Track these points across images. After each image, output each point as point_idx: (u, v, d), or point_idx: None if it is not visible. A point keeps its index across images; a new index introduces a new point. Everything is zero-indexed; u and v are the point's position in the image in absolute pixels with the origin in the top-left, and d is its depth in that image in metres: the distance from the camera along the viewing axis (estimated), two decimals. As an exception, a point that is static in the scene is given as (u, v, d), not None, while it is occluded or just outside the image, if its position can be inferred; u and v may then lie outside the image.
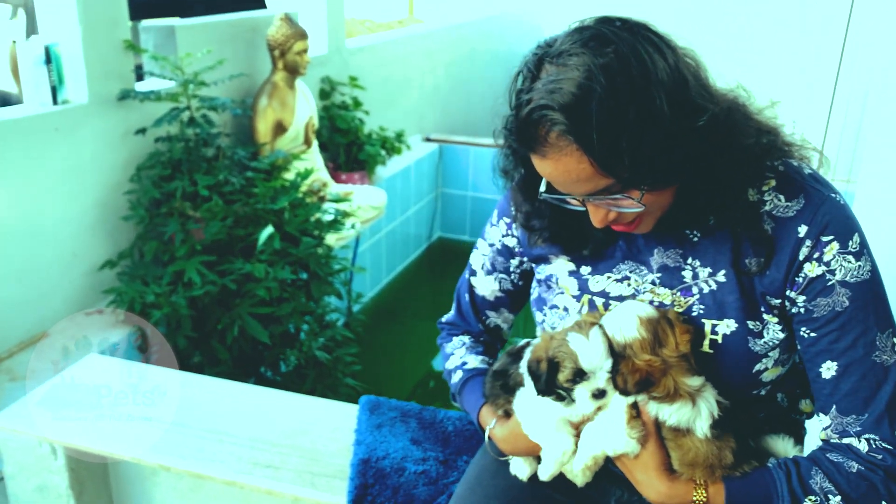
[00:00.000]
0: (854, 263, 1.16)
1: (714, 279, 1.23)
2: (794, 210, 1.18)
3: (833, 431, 1.20)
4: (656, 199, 1.14)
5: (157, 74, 3.44)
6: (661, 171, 1.09)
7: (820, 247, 1.16)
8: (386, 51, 5.73)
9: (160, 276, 3.23)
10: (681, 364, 1.19)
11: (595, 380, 1.18)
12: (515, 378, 1.32)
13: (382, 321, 5.02)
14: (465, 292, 1.56)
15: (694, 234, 1.25)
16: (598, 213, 1.16)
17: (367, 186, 4.68)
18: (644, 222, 1.19)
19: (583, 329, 1.19)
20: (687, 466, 1.20)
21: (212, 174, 3.38)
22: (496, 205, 1.50)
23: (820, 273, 1.16)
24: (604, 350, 1.17)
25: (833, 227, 1.16)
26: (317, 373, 3.38)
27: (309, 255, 3.36)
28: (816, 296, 1.17)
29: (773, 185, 1.20)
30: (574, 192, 1.13)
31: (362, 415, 1.82)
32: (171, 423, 1.80)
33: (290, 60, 4.04)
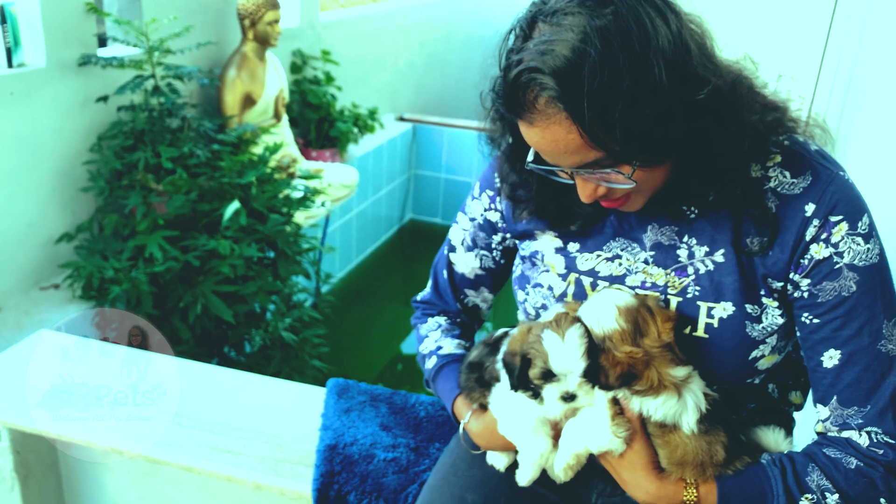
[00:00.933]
0: (863, 246, 1.09)
1: (711, 259, 1.15)
2: (800, 187, 1.11)
3: (832, 424, 1.14)
4: (649, 175, 1.06)
5: (121, 40, 3.29)
6: (656, 147, 1.01)
7: (828, 227, 1.09)
8: (360, 26, 5.59)
9: (120, 251, 3.10)
10: (664, 354, 1.11)
11: (564, 383, 1.11)
12: (491, 372, 1.24)
13: (351, 303, 4.92)
14: (444, 269, 1.47)
15: (691, 210, 1.17)
16: (587, 187, 1.09)
17: (339, 164, 4.56)
18: (634, 200, 1.12)
19: (560, 327, 1.11)
20: (676, 465, 1.13)
21: (176, 146, 3.25)
22: (478, 177, 1.41)
23: (827, 255, 1.09)
24: (578, 353, 1.10)
25: (842, 206, 1.09)
26: (283, 354, 3.28)
27: (276, 232, 3.25)
28: (822, 279, 1.10)
29: (777, 160, 1.13)
30: (562, 164, 1.05)
31: (330, 399, 1.73)
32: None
33: (261, 31, 3.90)
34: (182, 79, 3.37)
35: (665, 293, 1.17)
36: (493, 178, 1.36)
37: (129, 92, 3.20)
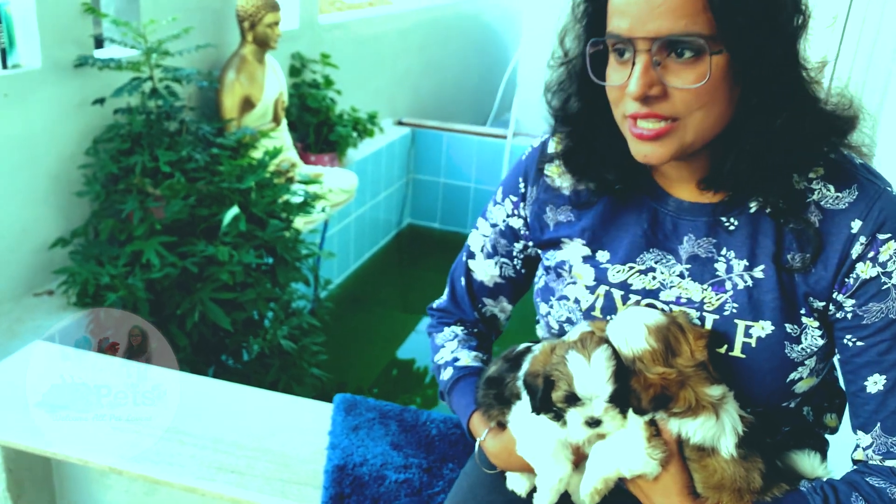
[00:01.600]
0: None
1: (750, 274, 1.09)
2: (845, 202, 1.06)
3: (875, 452, 1.08)
4: (714, 89, 0.98)
5: (118, 41, 3.22)
6: (754, 46, 0.96)
7: (876, 245, 1.03)
8: (359, 29, 5.53)
9: (116, 257, 3.03)
10: (698, 374, 1.06)
11: (589, 407, 1.05)
12: (512, 389, 1.18)
13: (349, 309, 4.87)
14: (462, 276, 1.41)
15: (730, 221, 1.12)
16: (646, 75, 0.98)
17: (338, 169, 4.50)
18: (672, 135, 1.02)
19: (586, 348, 1.05)
20: (712, 490, 1.07)
21: (174, 149, 3.18)
22: (500, 182, 1.35)
23: (875, 275, 1.04)
24: (605, 376, 1.04)
25: (891, 224, 1.04)
26: (281, 362, 3.22)
27: (276, 238, 3.19)
28: (869, 300, 1.05)
29: (821, 173, 1.08)
30: (642, 31, 0.96)
31: (337, 415, 1.66)
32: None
33: (261, 33, 3.84)
34: (180, 81, 3.30)
35: (701, 310, 1.11)
36: (517, 183, 1.30)
37: (127, 94, 3.13)
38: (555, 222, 1.25)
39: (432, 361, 1.42)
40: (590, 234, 1.20)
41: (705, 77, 0.96)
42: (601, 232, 1.20)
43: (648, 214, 1.17)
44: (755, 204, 1.10)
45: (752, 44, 0.95)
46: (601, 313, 1.17)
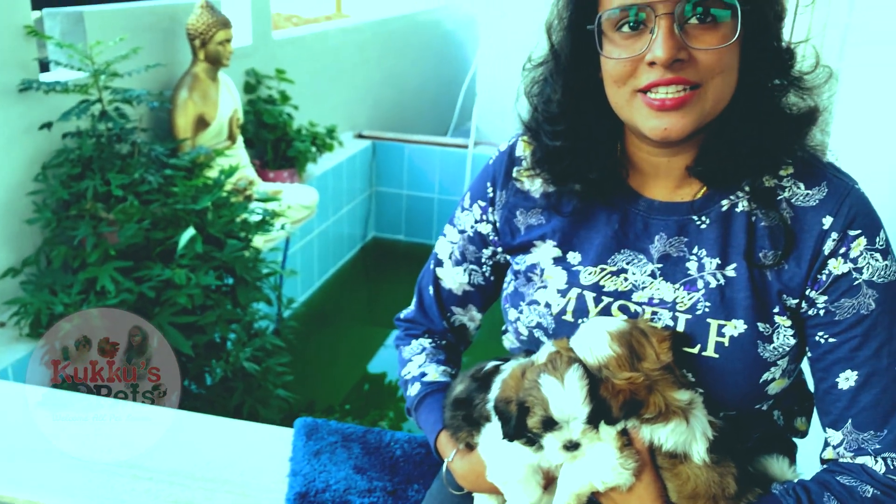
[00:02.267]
0: (882, 262, 1.04)
1: (722, 273, 1.08)
2: (815, 199, 1.06)
3: (846, 449, 1.08)
4: (732, 54, 1.00)
5: (64, 64, 3.14)
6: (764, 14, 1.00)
7: (847, 241, 1.04)
8: (314, 43, 5.49)
9: (70, 285, 2.95)
10: (665, 377, 1.04)
11: (567, 430, 1.03)
12: (481, 411, 1.14)
13: (315, 326, 4.80)
14: (429, 285, 1.37)
15: (702, 220, 1.11)
16: (672, 38, 0.97)
17: (297, 185, 4.45)
18: (694, 103, 1.01)
19: (558, 370, 1.03)
20: (687, 499, 1.05)
21: (126, 172, 3.11)
22: (468, 187, 1.32)
23: (846, 271, 1.04)
24: (581, 397, 1.01)
25: (860, 220, 1.04)
26: (245, 385, 3.15)
27: (235, 258, 3.12)
28: (841, 296, 1.04)
29: (791, 171, 1.08)
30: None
31: (298, 440, 1.62)
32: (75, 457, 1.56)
33: (212, 51, 3.78)
34: (131, 102, 3.24)
35: (674, 310, 1.09)
36: (485, 187, 1.27)
37: (75, 118, 3.06)
38: (525, 225, 1.23)
39: (399, 375, 1.39)
40: (560, 235, 1.19)
41: (733, 34, 0.98)
42: (572, 233, 1.19)
43: (619, 215, 1.16)
44: (727, 202, 1.10)
45: (763, 11, 0.99)
46: (573, 316, 1.14)
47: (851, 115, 2.00)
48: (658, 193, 1.15)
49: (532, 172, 1.21)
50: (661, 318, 1.10)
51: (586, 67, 1.08)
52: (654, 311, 1.11)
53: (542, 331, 1.17)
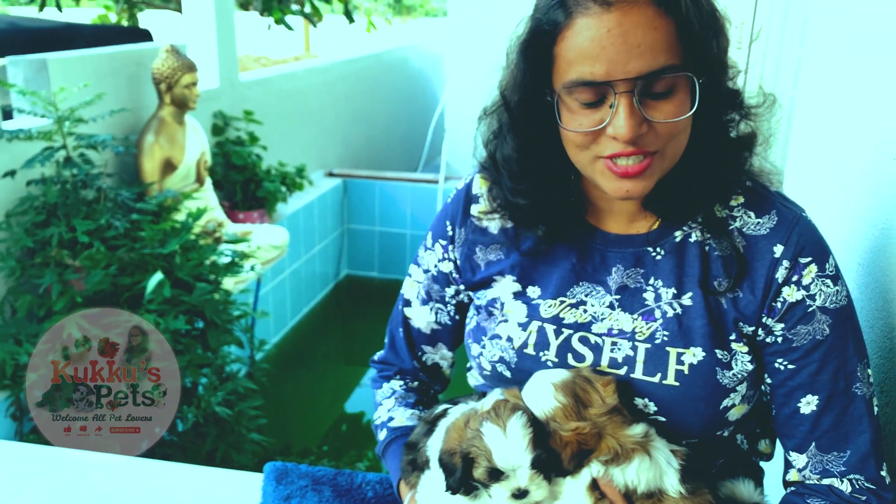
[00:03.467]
0: (832, 288, 1.06)
1: (679, 302, 1.10)
2: (766, 228, 1.08)
3: (812, 472, 1.09)
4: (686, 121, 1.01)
5: (28, 111, 3.13)
6: (710, 74, 1.01)
7: (798, 269, 1.06)
8: (282, 84, 5.52)
9: (35, 334, 2.90)
10: (614, 419, 1.04)
11: (514, 479, 1.01)
12: (422, 456, 1.13)
13: (289, 368, 4.76)
14: (399, 326, 1.37)
15: (657, 251, 1.12)
16: (633, 116, 0.97)
17: (268, 225, 4.43)
18: (654, 167, 1.02)
19: (501, 417, 1.02)
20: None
21: (92, 218, 3.09)
22: (429, 227, 1.33)
23: (800, 298, 1.06)
24: (523, 444, 1.00)
25: (810, 248, 1.06)
26: (218, 430, 3.10)
27: (204, 301, 3.09)
28: (797, 323, 1.06)
29: (741, 200, 1.11)
30: (625, 70, 0.95)
31: (267, 486, 1.59)
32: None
33: (178, 94, 3.78)
34: (96, 148, 3.22)
35: (633, 339, 1.10)
36: (444, 226, 1.28)
37: (39, 165, 3.04)
38: (485, 262, 1.24)
39: (372, 420, 1.38)
40: (520, 270, 1.20)
41: (689, 106, 0.99)
42: (531, 268, 1.19)
43: (577, 249, 1.17)
44: (680, 233, 1.12)
45: (713, 67, 1.00)
46: (534, 350, 1.15)
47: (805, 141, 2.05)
48: (614, 227, 1.16)
49: (491, 215, 1.22)
50: (620, 348, 1.10)
51: (543, 125, 1.08)
52: (613, 342, 1.11)
53: (505, 365, 1.17)
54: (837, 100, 1.77)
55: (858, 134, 1.54)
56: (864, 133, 1.51)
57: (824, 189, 1.73)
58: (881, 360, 1.28)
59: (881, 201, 1.34)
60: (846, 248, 1.46)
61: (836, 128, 1.75)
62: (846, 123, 1.66)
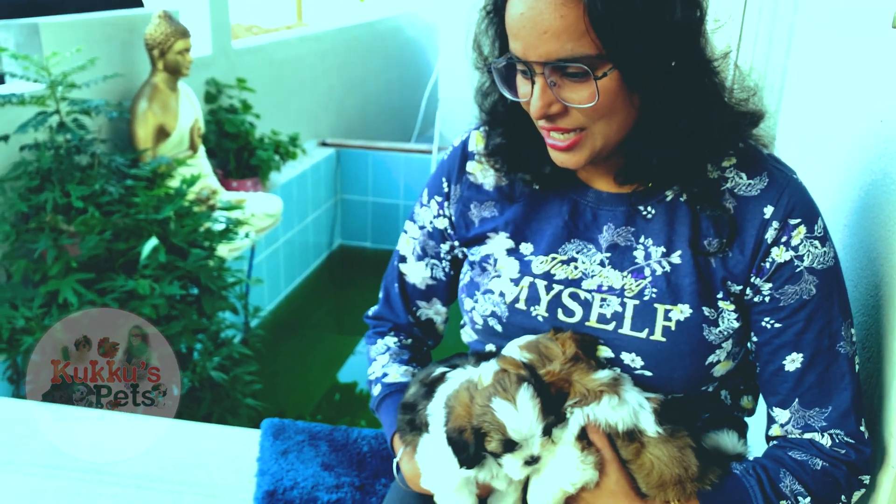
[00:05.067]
0: (820, 249, 1.09)
1: (668, 260, 1.12)
2: (757, 189, 1.10)
3: (794, 426, 1.14)
4: (612, 103, 1.01)
5: (20, 76, 3.11)
6: (640, 60, 0.97)
7: (788, 230, 1.08)
8: (275, 52, 5.48)
9: (31, 299, 2.92)
10: (578, 367, 1.09)
11: (527, 448, 1.05)
12: (422, 418, 1.16)
13: (283, 336, 4.78)
14: (395, 281, 1.40)
15: (648, 210, 1.15)
16: (543, 97, 1.01)
17: (261, 193, 4.44)
18: (583, 143, 1.05)
19: (508, 391, 1.04)
20: (656, 489, 1.09)
21: (86, 184, 3.08)
22: (426, 183, 1.35)
23: (788, 259, 1.09)
24: (535, 415, 1.04)
25: (799, 209, 1.09)
26: (213, 395, 3.13)
27: (199, 267, 3.11)
28: (784, 283, 1.09)
29: (734, 162, 1.12)
30: (534, 55, 0.98)
31: (265, 441, 1.63)
32: (40, 465, 1.55)
33: (171, 60, 3.76)
34: (89, 113, 3.21)
35: (622, 296, 1.13)
36: (440, 183, 1.31)
37: (32, 129, 3.02)
38: (479, 218, 1.26)
39: (367, 374, 1.41)
40: (513, 227, 1.22)
41: (595, 97, 0.99)
42: (524, 225, 1.22)
43: (569, 206, 1.19)
44: (671, 193, 1.14)
45: (640, 56, 0.97)
46: (525, 305, 1.18)
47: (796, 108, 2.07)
48: (604, 185, 1.19)
49: (485, 164, 1.24)
50: (609, 304, 1.13)
51: None
52: (603, 298, 1.14)
53: (497, 319, 1.20)
54: (828, 66, 1.79)
55: (847, 97, 1.57)
56: (852, 96, 1.53)
57: (814, 153, 1.76)
58: (864, 318, 1.31)
59: (867, 162, 1.37)
60: (833, 209, 1.49)
61: (826, 94, 1.78)
62: (836, 88, 1.68)
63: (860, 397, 1.12)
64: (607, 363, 1.13)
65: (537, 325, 1.17)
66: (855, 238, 1.40)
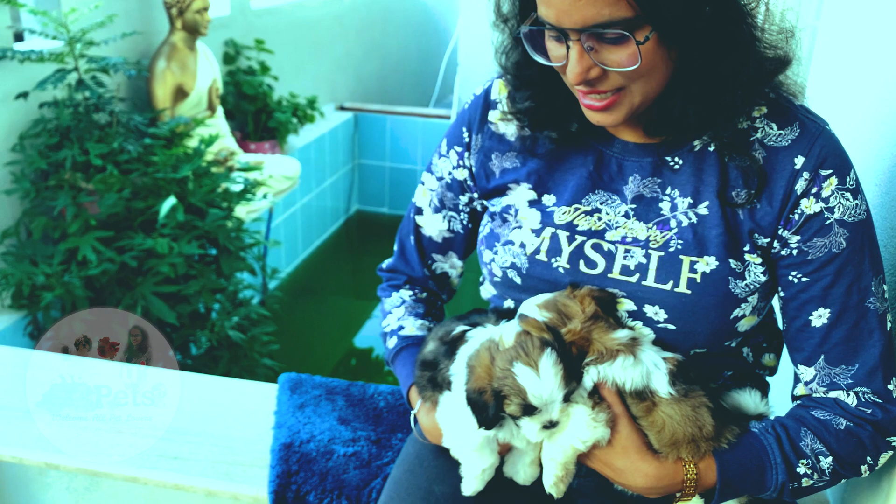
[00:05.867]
0: (852, 202, 1.06)
1: (694, 211, 1.10)
2: (788, 139, 1.07)
3: (819, 384, 1.11)
4: (652, 62, 0.98)
5: (39, 32, 3.10)
6: (681, 17, 0.94)
7: (818, 181, 1.05)
8: (294, 13, 5.43)
9: (51, 255, 2.93)
10: (598, 325, 1.08)
11: (546, 413, 1.04)
12: (444, 376, 1.14)
13: (300, 299, 4.80)
14: (410, 234, 1.38)
15: (675, 160, 1.12)
16: (581, 63, 0.98)
17: (279, 156, 4.43)
18: (622, 101, 1.03)
19: (531, 356, 1.02)
20: (669, 446, 1.07)
21: (105, 142, 3.08)
22: (444, 133, 1.32)
23: (818, 210, 1.05)
24: (556, 382, 1.02)
25: (831, 160, 1.05)
26: (231, 354, 3.15)
27: (217, 227, 3.11)
28: (813, 236, 1.06)
29: (764, 111, 1.09)
30: (569, 22, 0.95)
31: (282, 395, 1.63)
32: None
33: (189, 19, 3.74)
34: (108, 71, 3.20)
35: (647, 248, 1.11)
36: (461, 133, 1.28)
37: (51, 87, 3.02)
38: (500, 169, 1.24)
39: (380, 326, 1.40)
40: (536, 177, 1.20)
41: (636, 60, 0.96)
42: (547, 176, 1.19)
43: (594, 156, 1.17)
44: (699, 143, 1.11)
45: (677, 14, 0.94)
46: (546, 256, 1.15)
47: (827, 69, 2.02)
48: (631, 136, 1.16)
49: (506, 115, 1.22)
50: (633, 255, 1.11)
51: None
52: (626, 249, 1.12)
53: (516, 271, 1.18)
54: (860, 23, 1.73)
55: (881, 53, 1.52)
56: (886, 51, 1.48)
57: (846, 113, 1.71)
58: (894, 279, 1.28)
59: (902, 119, 1.32)
60: (866, 169, 1.45)
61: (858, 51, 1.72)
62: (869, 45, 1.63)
63: (891, 355, 1.09)
64: (629, 316, 1.11)
65: (558, 276, 1.15)
66: (887, 197, 1.36)
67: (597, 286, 1.12)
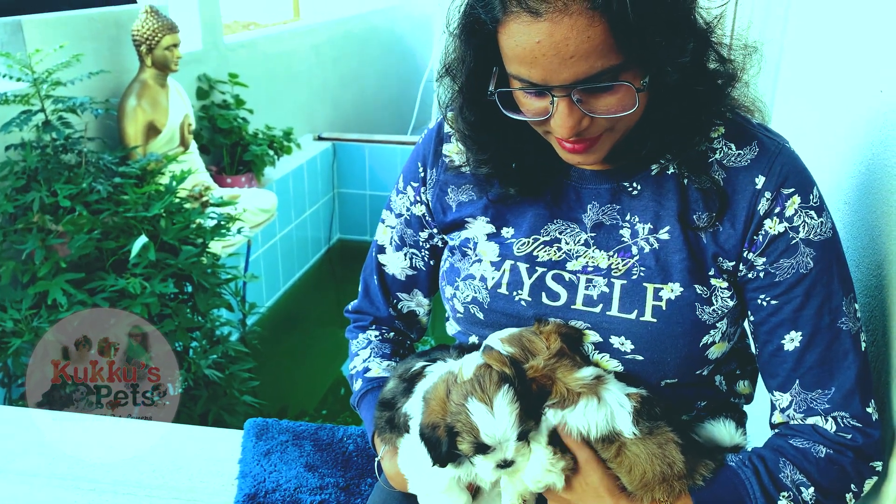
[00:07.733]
0: (816, 219, 1.02)
1: (655, 237, 1.06)
2: (747, 159, 1.04)
3: (795, 411, 1.07)
4: (643, 101, 0.96)
5: (3, 74, 3.05)
6: (670, 55, 0.92)
7: (781, 200, 1.02)
8: (268, 46, 5.42)
9: (19, 300, 2.86)
10: (562, 363, 1.03)
11: (500, 452, 0.99)
12: (400, 415, 1.10)
13: (283, 332, 4.74)
14: (374, 274, 1.34)
15: (633, 185, 1.08)
16: (572, 117, 0.94)
17: (256, 189, 4.38)
18: (604, 141, 1.00)
19: (486, 391, 0.98)
20: (641, 488, 1.03)
21: (74, 182, 3.03)
22: (401, 170, 1.29)
23: (782, 230, 1.02)
24: (511, 421, 0.97)
25: (793, 179, 1.02)
26: (210, 393, 3.09)
27: (191, 265, 3.06)
28: (779, 257, 1.03)
29: (722, 132, 1.06)
30: (556, 79, 0.91)
31: (247, 441, 1.57)
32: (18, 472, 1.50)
33: (159, 56, 3.71)
34: (75, 111, 3.15)
35: (609, 276, 1.07)
36: (416, 168, 1.24)
37: (17, 129, 2.97)
38: (457, 203, 1.21)
39: (347, 370, 1.35)
40: (493, 210, 1.17)
41: (632, 103, 0.94)
42: (504, 208, 1.16)
43: (552, 186, 1.14)
44: (657, 167, 1.08)
45: (662, 55, 0.92)
46: (507, 289, 1.12)
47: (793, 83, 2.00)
48: None
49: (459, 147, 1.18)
50: (595, 285, 1.07)
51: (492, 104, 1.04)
52: (588, 279, 1.08)
53: (478, 306, 1.14)
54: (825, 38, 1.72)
55: (845, 68, 1.50)
56: (850, 66, 1.46)
57: (812, 130, 1.69)
58: (867, 299, 1.25)
59: (867, 137, 1.30)
60: (833, 187, 1.42)
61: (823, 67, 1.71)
62: (834, 60, 1.62)
63: (867, 377, 1.05)
64: (595, 348, 1.07)
65: (520, 310, 1.11)
66: (856, 216, 1.33)
67: (561, 319, 1.08)
